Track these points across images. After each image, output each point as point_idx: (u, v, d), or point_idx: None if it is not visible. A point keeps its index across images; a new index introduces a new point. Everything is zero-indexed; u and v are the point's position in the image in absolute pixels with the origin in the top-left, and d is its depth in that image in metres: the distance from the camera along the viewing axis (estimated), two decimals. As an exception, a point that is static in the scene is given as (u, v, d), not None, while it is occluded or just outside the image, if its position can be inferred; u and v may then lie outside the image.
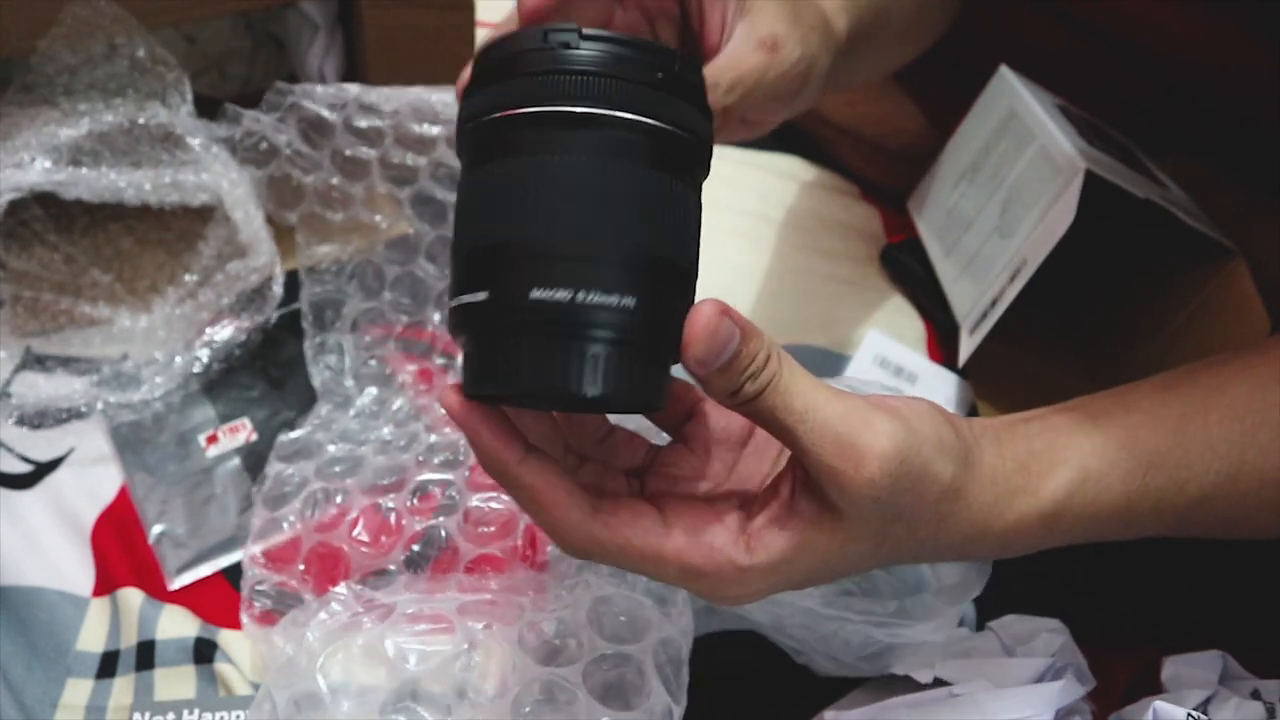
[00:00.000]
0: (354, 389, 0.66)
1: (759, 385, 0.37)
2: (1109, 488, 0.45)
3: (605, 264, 0.35)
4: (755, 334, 0.37)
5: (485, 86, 0.37)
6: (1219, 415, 0.46)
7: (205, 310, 0.65)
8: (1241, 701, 0.48)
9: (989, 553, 0.45)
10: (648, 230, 0.36)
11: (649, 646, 0.47)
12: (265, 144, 0.66)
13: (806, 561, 0.40)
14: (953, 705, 0.49)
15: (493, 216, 0.36)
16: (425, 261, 0.70)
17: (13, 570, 0.57)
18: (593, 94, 0.35)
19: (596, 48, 0.36)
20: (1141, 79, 0.69)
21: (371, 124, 0.67)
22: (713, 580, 0.40)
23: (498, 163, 0.36)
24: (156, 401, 0.63)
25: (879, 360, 0.68)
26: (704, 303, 0.36)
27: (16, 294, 0.66)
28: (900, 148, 0.80)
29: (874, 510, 0.39)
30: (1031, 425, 0.46)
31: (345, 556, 0.57)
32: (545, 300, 0.35)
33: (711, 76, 0.42)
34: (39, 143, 0.61)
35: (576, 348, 0.35)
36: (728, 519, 0.40)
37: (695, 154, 0.38)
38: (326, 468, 0.61)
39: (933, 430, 0.40)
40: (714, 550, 0.39)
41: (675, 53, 0.37)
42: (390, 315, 0.69)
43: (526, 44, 0.36)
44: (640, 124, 0.36)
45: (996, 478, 0.43)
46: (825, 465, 0.38)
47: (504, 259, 0.36)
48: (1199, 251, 0.63)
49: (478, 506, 0.59)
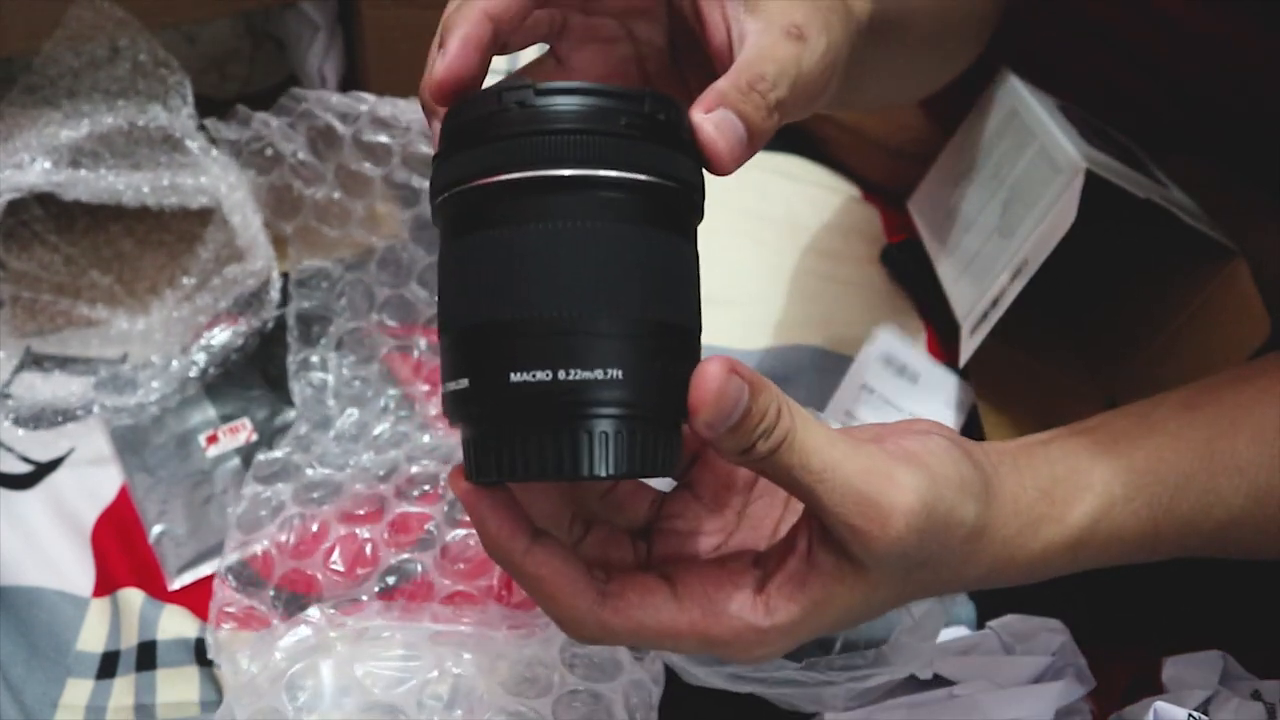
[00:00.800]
0: (335, 409, 0.65)
1: (772, 443, 0.35)
2: (1135, 513, 0.44)
3: (584, 337, 0.33)
4: (764, 387, 0.34)
5: (447, 156, 0.35)
6: (1246, 438, 0.45)
7: (202, 314, 0.65)
8: (1242, 702, 0.48)
9: (1015, 581, 0.44)
10: (633, 293, 0.33)
11: (620, 687, 0.47)
12: (271, 150, 0.66)
13: (829, 615, 0.39)
14: (953, 705, 0.49)
15: (466, 297, 0.34)
16: (417, 286, 0.69)
17: (13, 570, 0.57)
18: (556, 155, 0.33)
19: (553, 102, 0.33)
20: (1143, 78, 0.69)
21: (380, 140, 0.66)
22: (734, 646, 0.38)
23: (465, 239, 0.34)
24: (152, 405, 0.63)
25: (886, 358, 0.68)
26: (709, 361, 0.33)
27: (15, 294, 0.66)
28: (901, 145, 0.80)
29: (900, 563, 0.38)
30: (1052, 449, 0.45)
31: (318, 584, 0.57)
32: (526, 383, 0.32)
33: (754, 70, 0.38)
34: (39, 144, 0.61)
35: (570, 428, 0.33)
36: (743, 581, 0.38)
37: (682, 201, 0.36)
38: (304, 492, 0.60)
39: (954, 471, 0.39)
40: (732, 618, 0.37)
41: (644, 94, 0.34)
42: (378, 337, 0.68)
43: (481, 109, 0.34)
44: (610, 179, 0.33)
45: (1020, 508, 0.42)
46: (848, 525, 0.36)
47: (480, 343, 0.34)
48: (1199, 251, 0.63)
49: (456, 542, 0.58)
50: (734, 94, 0.37)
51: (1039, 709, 0.48)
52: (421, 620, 0.51)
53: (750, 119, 0.37)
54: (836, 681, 0.47)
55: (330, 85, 0.78)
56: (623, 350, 0.33)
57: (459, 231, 0.35)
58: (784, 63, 0.38)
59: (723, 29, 0.39)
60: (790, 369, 0.69)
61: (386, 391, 0.66)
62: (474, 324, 0.34)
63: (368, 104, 0.66)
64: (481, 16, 0.37)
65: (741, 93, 0.37)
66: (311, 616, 0.50)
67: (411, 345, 0.68)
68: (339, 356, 0.67)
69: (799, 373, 0.69)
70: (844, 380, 0.67)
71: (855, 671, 0.47)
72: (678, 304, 0.35)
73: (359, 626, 0.50)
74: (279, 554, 0.58)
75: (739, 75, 0.37)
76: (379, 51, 0.73)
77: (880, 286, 0.76)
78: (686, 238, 0.36)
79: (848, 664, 0.47)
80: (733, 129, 0.36)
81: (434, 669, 0.47)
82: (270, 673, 0.47)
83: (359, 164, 0.67)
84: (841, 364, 0.70)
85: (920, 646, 0.48)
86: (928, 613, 0.48)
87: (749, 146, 0.37)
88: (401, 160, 0.67)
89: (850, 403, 0.66)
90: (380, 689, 0.46)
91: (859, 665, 0.47)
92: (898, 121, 0.79)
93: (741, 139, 0.37)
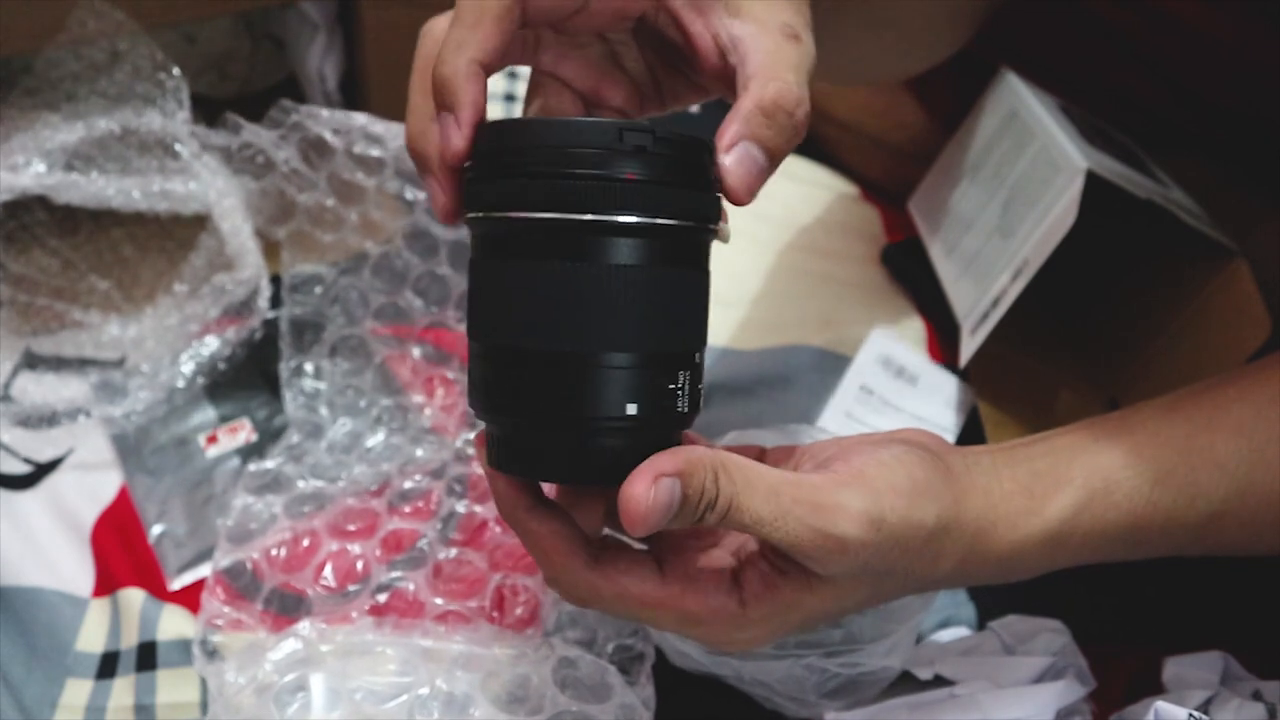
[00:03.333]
0: (328, 418, 0.65)
1: (718, 513, 0.37)
2: (1116, 505, 0.45)
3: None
4: (695, 468, 0.36)
5: (506, 174, 0.37)
6: (1225, 433, 0.46)
7: (193, 322, 0.64)
8: (1243, 702, 0.48)
9: (992, 576, 0.45)
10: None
11: (611, 710, 0.47)
12: (263, 157, 0.65)
13: (802, 614, 0.41)
14: (953, 705, 0.49)
15: (496, 315, 0.38)
16: (412, 294, 0.69)
17: (13, 570, 0.57)
18: (583, 200, 0.35)
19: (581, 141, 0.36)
20: (1146, 78, 0.69)
21: (373, 154, 0.66)
22: (711, 626, 0.40)
23: (496, 261, 0.38)
24: (139, 415, 0.63)
25: (883, 360, 0.68)
26: (631, 481, 0.36)
27: (13, 297, 0.66)
28: (901, 143, 0.79)
29: (863, 573, 0.40)
30: (1034, 448, 0.46)
31: (308, 599, 0.57)
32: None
33: (777, 86, 0.37)
34: (35, 146, 0.61)
35: (584, 445, 0.37)
36: (723, 570, 0.41)
37: (699, 236, 0.38)
38: (295, 505, 0.60)
39: (904, 479, 0.40)
40: (709, 597, 0.40)
41: (677, 138, 0.37)
42: (372, 344, 0.67)
43: (534, 138, 0.37)
44: (631, 226, 0.36)
45: (993, 501, 0.43)
46: (806, 555, 0.38)
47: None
48: (1199, 251, 0.63)
49: (448, 561, 0.58)
50: (758, 119, 0.37)
51: (1039, 709, 0.48)
52: (413, 636, 0.51)
53: (773, 144, 0.37)
54: (802, 655, 0.48)
55: (330, 85, 0.78)
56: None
57: (489, 253, 0.38)
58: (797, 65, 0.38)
59: (708, 38, 0.39)
60: (790, 369, 0.69)
61: (380, 402, 0.65)
62: (501, 344, 0.38)
63: (358, 122, 0.65)
64: (476, 72, 0.38)
65: (767, 115, 0.37)
66: (301, 629, 0.50)
67: (406, 354, 0.67)
68: (332, 364, 0.66)
69: (799, 373, 0.69)
70: (842, 382, 0.67)
71: (820, 648, 0.48)
72: (685, 334, 0.38)
73: (350, 640, 0.49)
74: (269, 568, 0.57)
75: (762, 91, 0.37)
76: (379, 51, 0.73)
77: (880, 286, 0.76)
78: (700, 268, 0.39)
79: (816, 641, 0.48)
80: (753, 164, 0.37)
81: (425, 685, 0.47)
82: (258, 685, 0.47)
83: (352, 174, 0.67)
84: (841, 364, 0.70)
85: (890, 628, 0.48)
86: (904, 604, 0.48)
87: (768, 172, 0.38)
88: (395, 172, 0.67)
89: (850, 404, 0.66)
90: (371, 704, 0.46)
91: (827, 643, 0.48)
92: (898, 121, 0.79)
93: (761, 170, 0.37)
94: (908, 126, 0.79)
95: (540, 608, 0.56)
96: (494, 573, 0.58)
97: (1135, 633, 0.58)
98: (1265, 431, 0.46)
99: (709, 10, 0.39)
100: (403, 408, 0.65)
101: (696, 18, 0.40)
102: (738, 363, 0.69)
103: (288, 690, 0.47)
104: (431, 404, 0.65)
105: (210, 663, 0.52)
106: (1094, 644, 0.53)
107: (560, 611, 0.56)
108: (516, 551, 0.59)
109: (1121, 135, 0.70)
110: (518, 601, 0.57)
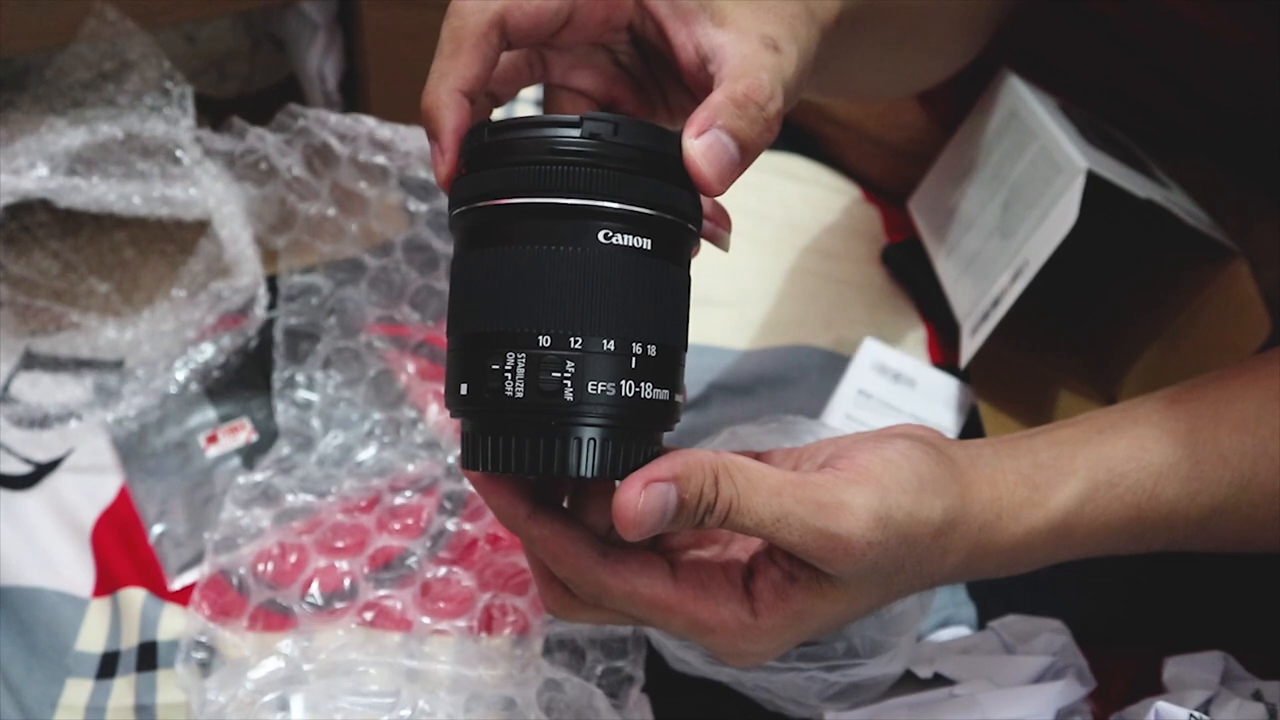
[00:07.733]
0: (319, 430, 0.64)
1: (718, 516, 0.37)
2: (1119, 498, 0.45)
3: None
4: (692, 472, 0.36)
5: (476, 170, 0.38)
6: (1229, 427, 0.46)
7: (189, 328, 0.64)
8: (1243, 703, 0.48)
9: (997, 569, 0.45)
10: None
11: None
12: (265, 164, 0.65)
13: (814, 622, 0.41)
14: (953, 705, 0.49)
15: (470, 306, 0.37)
16: (409, 309, 0.68)
17: (13, 570, 0.57)
18: (562, 184, 0.36)
19: (559, 134, 0.36)
20: (1147, 78, 0.69)
21: (377, 162, 0.66)
22: (721, 635, 0.40)
23: (475, 252, 0.37)
24: (130, 421, 0.63)
25: (877, 367, 0.68)
26: (624, 488, 0.35)
27: (12, 298, 0.66)
28: (901, 143, 0.79)
29: (873, 574, 0.40)
30: (1036, 439, 0.46)
31: (294, 616, 0.56)
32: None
33: (750, 80, 0.38)
34: (38, 149, 0.61)
35: (560, 435, 0.36)
36: (735, 579, 0.40)
37: (678, 231, 0.38)
38: (284, 519, 0.60)
39: (910, 475, 0.40)
40: (721, 606, 0.39)
41: (654, 130, 0.37)
42: (367, 356, 0.67)
43: (515, 130, 0.37)
44: (609, 210, 0.36)
45: (998, 493, 0.43)
46: (813, 557, 0.38)
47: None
48: (1199, 251, 0.63)
49: (436, 580, 0.58)
50: (728, 109, 0.37)
51: (1039, 709, 0.48)
52: (397, 657, 0.51)
53: (744, 135, 0.37)
54: (804, 669, 0.48)
55: (330, 85, 0.78)
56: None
57: (470, 244, 0.38)
58: (773, 72, 0.38)
59: (690, 47, 0.40)
60: (791, 369, 0.69)
61: (372, 415, 0.65)
62: (475, 332, 0.37)
63: (367, 126, 0.65)
64: (459, 100, 0.39)
65: (738, 106, 0.37)
66: (284, 647, 0.49)
67: (402, 366, 0.67)
68: (325, 375, 0.66)
69: (800, 373, 0.69)
70: (840, 387, 0.67)
71: (822, 663, 0.48)
72: (663, 328, 0.37)
73: (333, 659, 0.49)
74: (255, 582, 0.57)
75: (733, 85, 0.38)
76: (379, 51, 0.73)
77: (880, 286, 0.76)
78: (679, 264, 0.38)
79: (818, 654, 0.48)
80: (723, 151, 0.37)
81: (408, 707, 0.47)
82: (238, 704, 0.46)
83: (355, 183, 0.66)
84: (841, 364, 0.70)
85: (891, 640, 0.48)
86: (903, 613, 0.48)
87: (740, 165, 0.38)
88: (399, 183, 0.67)
89: (850, 406, 0.66)
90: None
91: (828, 657, 0.48)
92: (898, 121, 0.79)
93: (732, 160, 0.37)
94: (908, 126, 0.79)
95: (529, 629, 0.56)
96: (483, 592, 0.57)
97: (1135, 633, 0.58)
98: (1268, 425, 0.46)
99: (693, 20, 0.40)
100: (396, 421, 0.65)
101: (681, 27, 0.40)
102: (738, 362, 0.69)
103: (268, 709, 0.46)
104: (425, 419, 0.65)
105: (192, 679, 0.52)
106: (1094, 644, 0.53)
107: (549, 633, 0.55)
108: (506, 571, 0.58)
109: (1122, 135, 0.70)
110: (506, 621, 0.56)
